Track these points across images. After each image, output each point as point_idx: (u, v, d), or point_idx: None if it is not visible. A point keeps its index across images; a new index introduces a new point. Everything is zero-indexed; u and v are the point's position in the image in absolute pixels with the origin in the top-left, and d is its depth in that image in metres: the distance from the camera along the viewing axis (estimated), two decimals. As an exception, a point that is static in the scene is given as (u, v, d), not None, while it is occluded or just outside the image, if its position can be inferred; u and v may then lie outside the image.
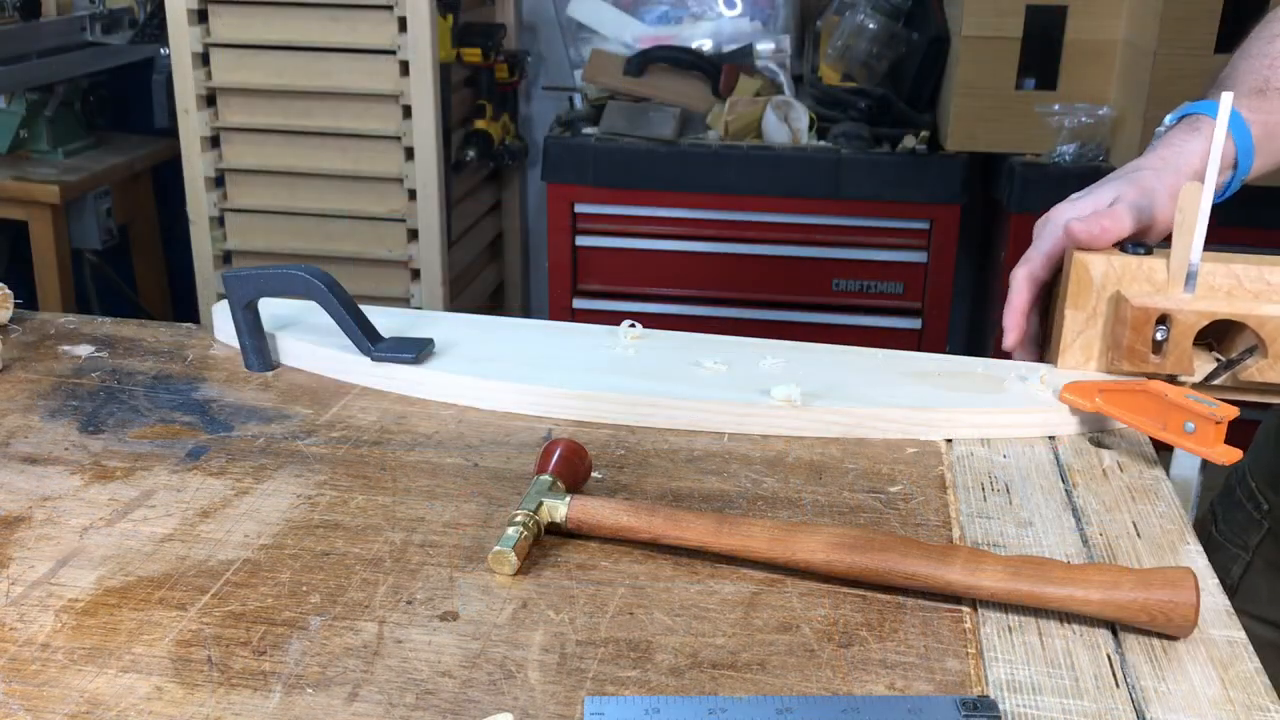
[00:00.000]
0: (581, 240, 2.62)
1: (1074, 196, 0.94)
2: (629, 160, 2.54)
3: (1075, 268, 0.89)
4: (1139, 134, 2.25)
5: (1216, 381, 0.86)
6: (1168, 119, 0.98)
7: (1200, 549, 0.73)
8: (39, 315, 1.07)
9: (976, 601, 0.66)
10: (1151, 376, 0.87)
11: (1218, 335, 0.88)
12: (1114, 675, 0.61)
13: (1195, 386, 0.86)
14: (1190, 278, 0.85)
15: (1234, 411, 0.78)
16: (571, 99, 2.82)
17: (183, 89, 2.56)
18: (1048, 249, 0.92)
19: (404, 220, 2.60)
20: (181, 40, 2.52)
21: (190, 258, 2.71)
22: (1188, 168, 0.92)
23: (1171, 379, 0.87)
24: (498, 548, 0.68)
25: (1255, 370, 0.86)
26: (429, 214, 2.57)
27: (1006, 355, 0.96)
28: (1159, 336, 0.85)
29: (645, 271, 2.62)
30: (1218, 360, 0.88)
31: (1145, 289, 0.87)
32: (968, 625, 0.65)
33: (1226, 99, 0.82)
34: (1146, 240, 0.90)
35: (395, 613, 0.65)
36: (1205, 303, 0.85)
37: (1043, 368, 0.93)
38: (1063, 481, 0.81)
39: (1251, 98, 0.96)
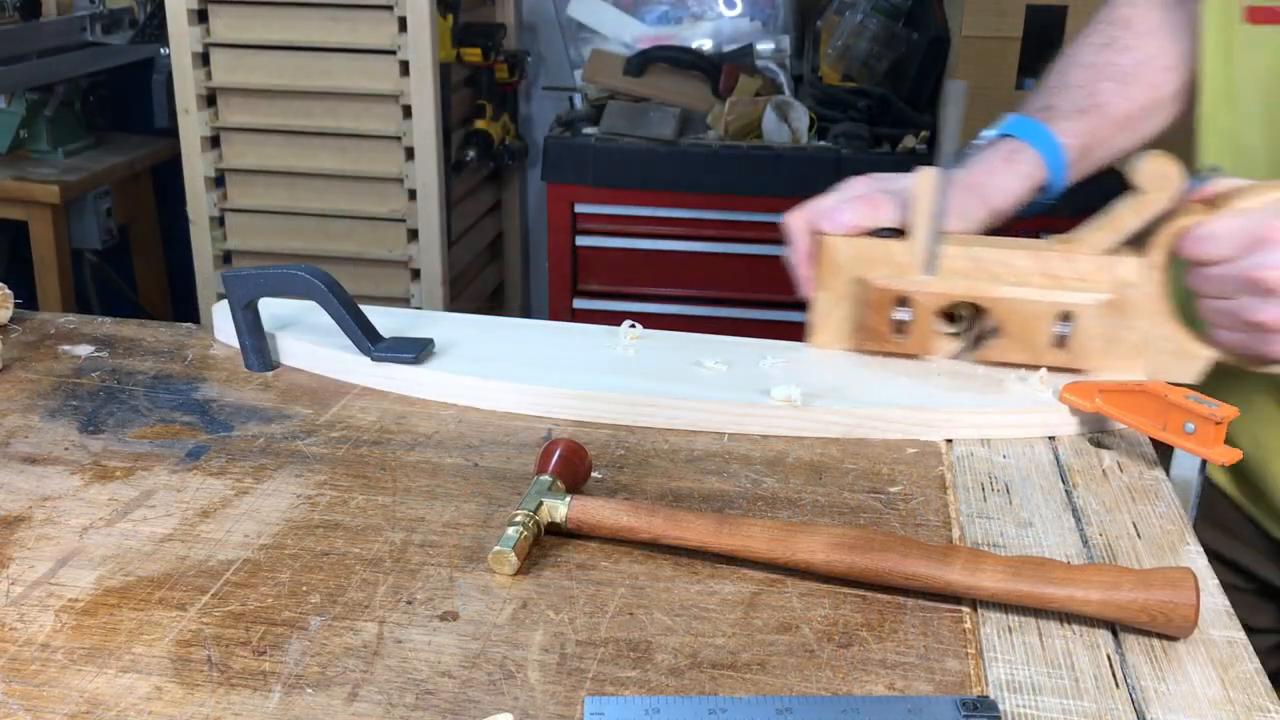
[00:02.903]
0: (581, 240, 2.62)
1: (867, 176, 0.97)
2: (629, 160, 2.54)
3: (823, 250, 0.93)
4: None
5: (964, 360, 0.90)
6: (990, 132, 1.01)
7: (1200, 549, 0.73)
8: (39, 315, 1.07)
9: (976, 602, 0.66)
10: (898, 355, 0.92)
11: (970, 317, 0.92)
12: (1114, 675, 0.61)
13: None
14: (929, 260, 0.88)
15: (1234, 412, 0.78)
16: (571, 99, 2.82)
17: (183, 89, 2.56)
18: (817, 210, 0.95)
19: (404, 220, 2.60)
20: (181, 40, 2.52)
21: (190, 258, 2.71)
22: (993, 201, 0.96)
23: (912, 358, 0.91)
24: (498, 548, 0.68)
25: (995, 350, 0.89)
26: (429, 214, 2.57)
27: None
28: (901, 317, 0.89)
29: (645, 271, 2.62)
30: (959, 341, 0.91)
31: (888, 271, 0.90)
32: (968, 625, 0.65)
33: (926, 178, 0.88)
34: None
35: (395, 613, 0.65)
36: (943, 284, 0.89)
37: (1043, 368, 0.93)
38: (1063, 482, 0.81)
39: (1071, 119, 1.00)
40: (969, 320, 0.91)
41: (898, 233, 0.91)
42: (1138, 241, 0.86)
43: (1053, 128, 0.99)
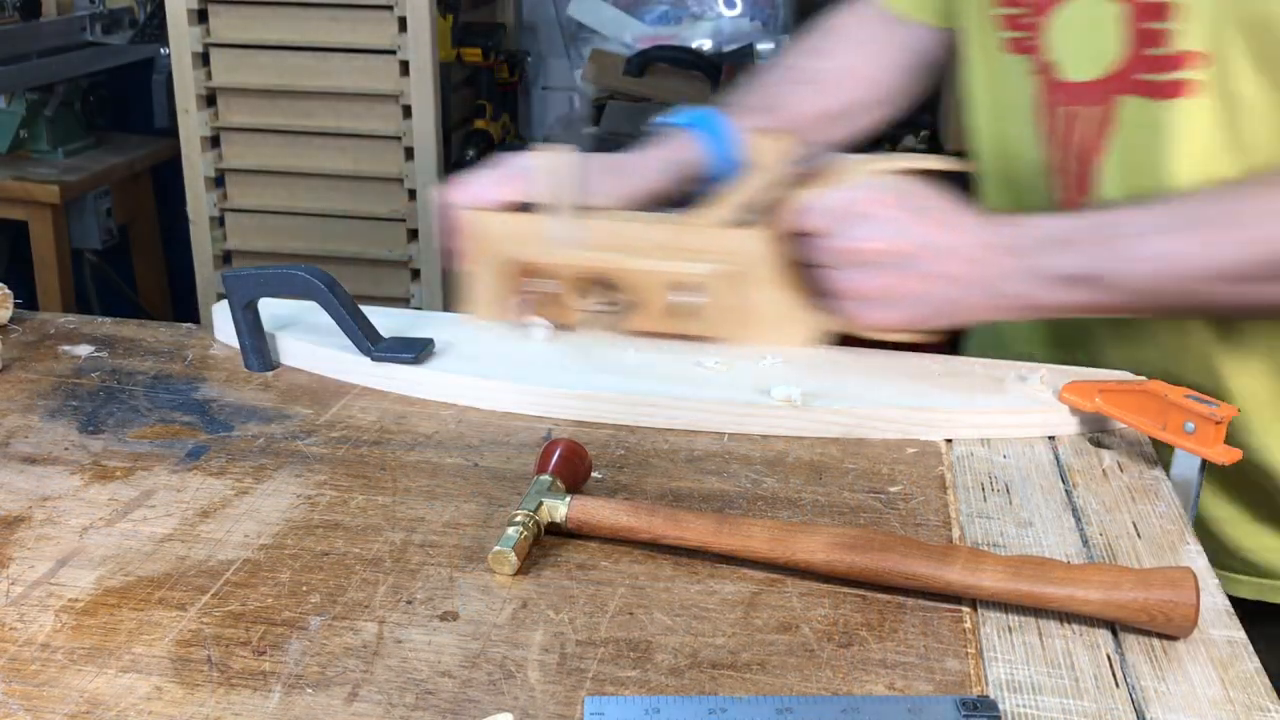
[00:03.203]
0: (581, 240, 2.62)
1: (514, 154, 1.01)
2: (629, 160, 2.53)
3: (470, 224, 0.96)
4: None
5: (599, 328, 0.94)
6: (670, 119, 1.07)
7: (1200, 549, 0.73)
8: (39, 315, 1.07)
9: (976, 601, 0.66)
10: (551, 324, 0.96)
11: (602, 285, 0.95)
12: (1114, 675, 0.61)
13: (589, 330, 0.95)
14: (565, 235, 0.92)
15: (1234, 411, 0.78)
16: (571, 99, 2.83)
17: (183, 89, 2.56)
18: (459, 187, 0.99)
19: (404, 220, 2.60)
20: (181, 40, 2.52)
21: (190, 258, 2.71)
22: (635, 180, 1.02)
23: (564, 328, 0.95)
24: (498, 548, 0.68)
25: (629, 322, 0.93)
26: (429, 214, 2.57)
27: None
28: (539, 288, 0.93)
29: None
30: (602, 313, 0.94)
31: (523, 244, 0.94)
32: (968, 625, 0.65)
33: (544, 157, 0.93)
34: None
35: (395, 613, 0.65)
36: (576, 258, 0.92)
37: (1043, 368, 0.93)
38: (1063, 481, 0.81)
39: (756, 115, 1.06)
40: (610, 293, 0.95)
41: (534, 207, 0.95)
42: (758, 215, 0.90)
43: (733, 119, 1.04)
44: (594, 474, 0.80)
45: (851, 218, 0.84)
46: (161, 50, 2.77)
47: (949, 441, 0.86)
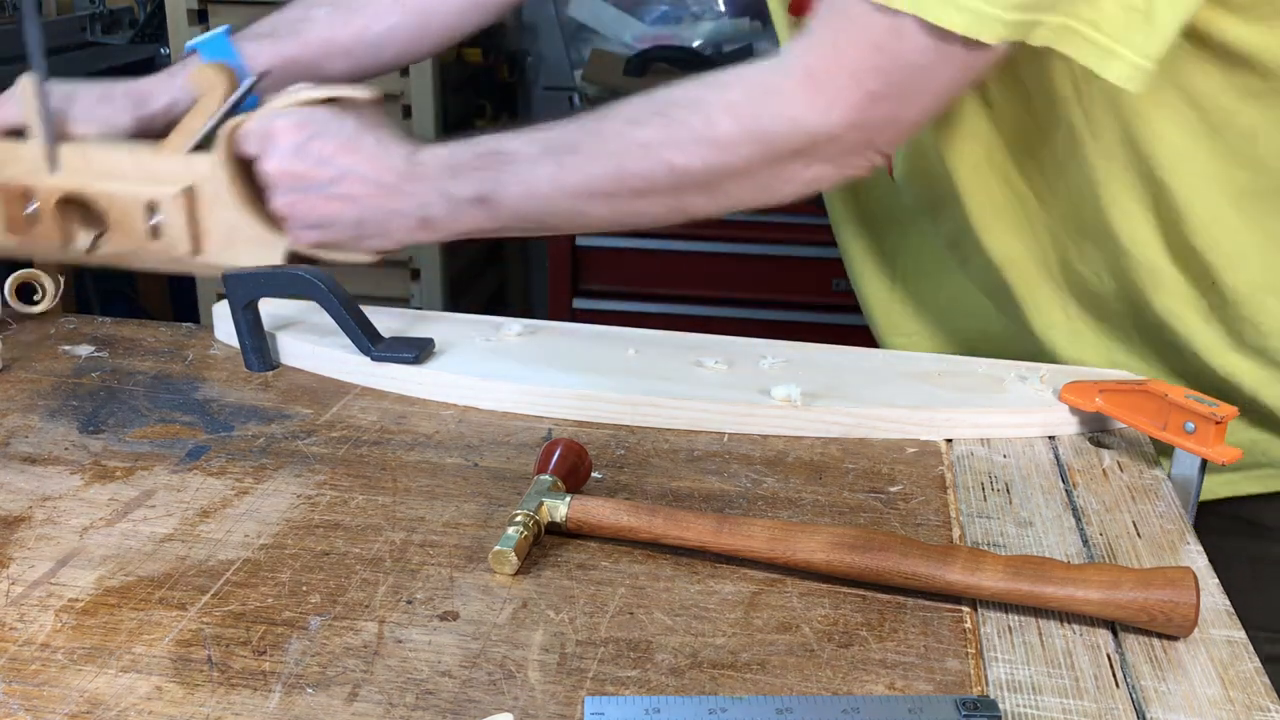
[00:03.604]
0: (581, 240, 2.62)
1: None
2: (629, 160, 2.53)
3: None
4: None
5: (84, 250, 0.98)
6: (191, 43, 1.11)
7: (1200, 549, 0.73)
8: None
9: (976, 601, 0.66)
10: (43, 249, 1.00)
11: (89, 211, 0.99)
12: (1114, 675, 0.61)
13: (76, 256, 0.99)
14: (46, 159, 0.96)
15: (1234, 411, 0.78)
16: (571, 99, 2.82)
17: (183, 89, 2.55)
18: None
19: (404, 220, 2.60)
20: (181, 40, 2.52)
21: (190, 258, 2.70)
22: (141, 107, 1.04)
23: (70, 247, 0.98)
24: (498, 548, 0.68)
25: (109, 244, 0.97)
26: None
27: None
28: (29, 210, 0.97)
29: (645, 271, 2.62)
30: (86, 232, 0.98)
31: (18, 169, 0.97)
32: (968, 625, 0.65)
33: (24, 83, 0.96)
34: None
35: (395, 613, 0.65)
36: (55, 180, 0.96)
37: (1043, 368, 0.93)
38: (1063, 481, 0.81)
39: (264, 42, 1.10)
40: (93, 218, 0.98)
41: (23, 133, 0.99)
42: (205, 141, 0.96)
43: (240, 48, 1.08)
44: (594, 474, 0.80)
45: (267, 142, 0.89)
46: (161, 50, 2.77)
47: (949, 441, 0.86)
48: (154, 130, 1.04)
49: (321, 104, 0.91)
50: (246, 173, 0.93)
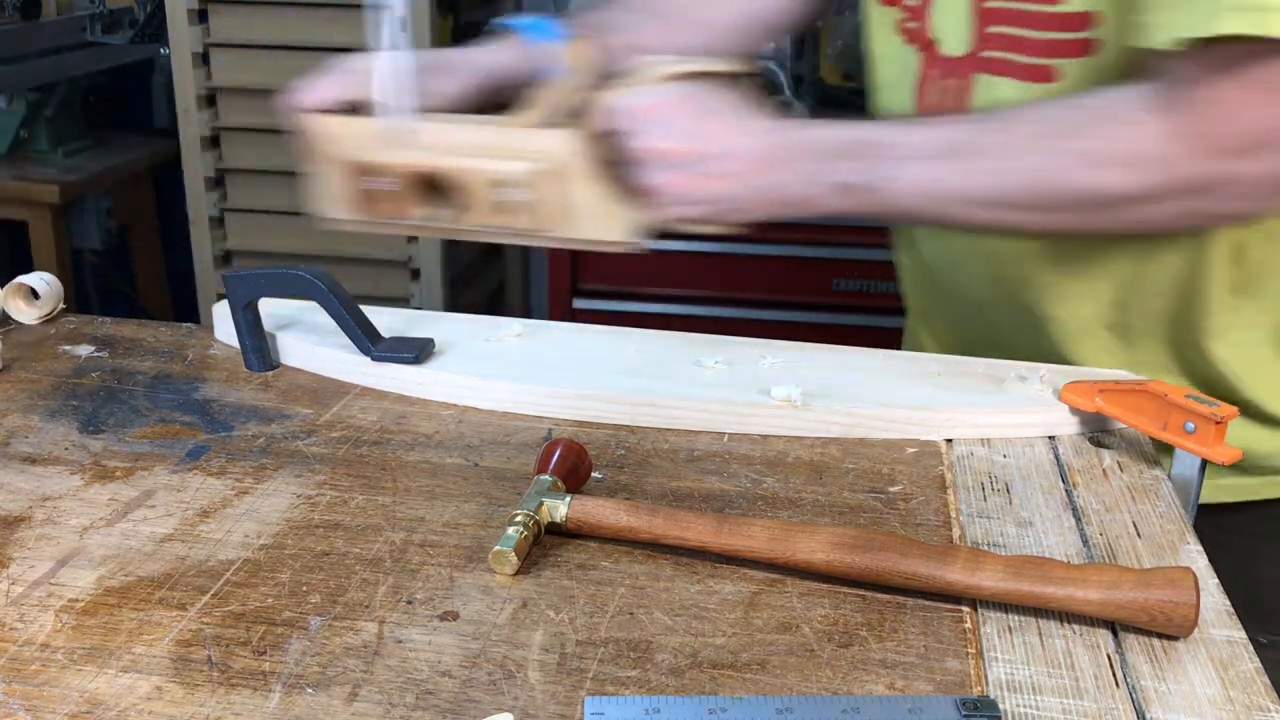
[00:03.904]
0: (581, 240, 2.61)
1: (355, 57, 1.03)
2: (629, 160, 2.53)
3: (305, 127, 0.97)
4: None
5: (438, 225, 0.96)
6: (508, 21, 1.09)
7: (1200, 549, 0.73)
8: (39, 315, 1.07)
9: (976, 601, 0.66)
10: (389, 224, 0.97)
11: (438, 186, 0.96)
12: (1114, 675, 0.61)
13: (427, 230, 0.98)
14: (398, 135, 0.94)
15: (1234, 411, 0.78)
16: (571, 99, 2.82)
17: (183, 89, 2.56)
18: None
19: (404, 220, 2.60)
20: (181, 40, 2.52)
21: (190, 258, 2.71)
22: (466, 76, 1.05)
23: (401, 221, 0.97)
24: (498, 548, 0.68)
25: (461, 216, 0.94)
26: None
27: None
28: (375, 186, 0.95)
29: (645, 271, 2.62)
30: (437, 208, 0.96)
31: (361, 144, 0.95)
32: (968, 625, 0.65)
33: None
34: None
35: (395, 613, 0.65)
36: (406, 156, 0.94)
37: (1043, 368, 0.93)
38: (1063, 481, 0.81)
39: (633, 22, 1.10)
40: (442, 192, 0.97)
41: (371, 109, 0.97)
42: (569, 116, 0.93)
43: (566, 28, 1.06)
44: (594, 474, 0.80)
45: (645, 119, 0.88)
46: (161, 50, 2.77)
47: (949, 441, 0.86)
48: (486, 103, 1.03)
49: (688, 77, 0.90)
50: (602, 147, 0.91)
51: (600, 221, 0.93)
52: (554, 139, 0.91)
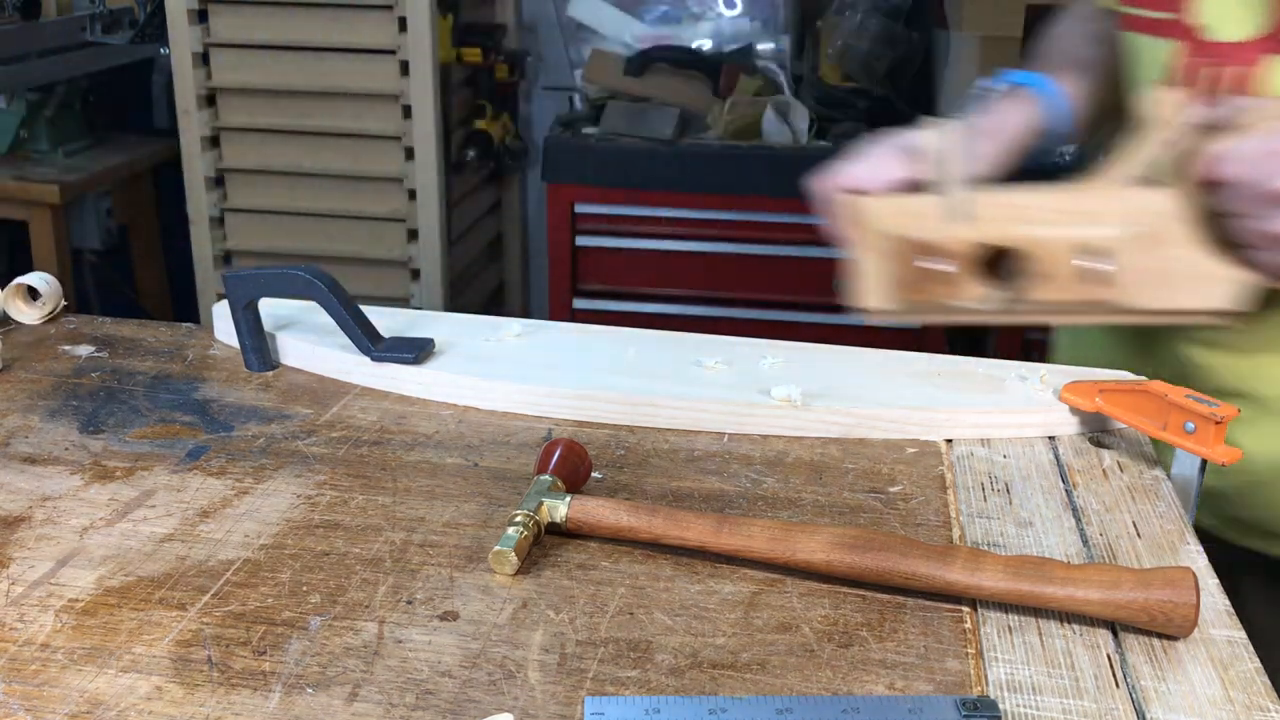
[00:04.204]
0: (581, 240, 2.62)
1: (883, 137, 0.99)
2: (629, 160, 2.54)
3: (853, 210, 0.92)
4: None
5: (998, 306, 0.89)
6: (990, 82, 1.05)
7: (1200, 549, 0.73)
8: (39, 315, 1.07)
9: (976, 601, 0.66)
10: (945, 307, 0.90)
11: (995, 264, 0.91)
12: (1114, 675, 0.61)
13: (997, 312, 0.90)
14: (957, 208, 0.89)
15: (1234, 411, 0.78)
16: (571, 99, 2.82)
17: (183, 89, 2.56)
18: (841, 172, 0.97)
19: (404, 220, 2.60)
20: (181, 40, 2.52)
21: (190, 258, 2.71)
22: (1003, 141, 1.00)
23: (967, 308, 0.90)
24: (498, 548, 0.68)
25: (1030, 290, 0.88)
26: (429, 214, 2.57)
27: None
28: (937, 266, 0.88)
29: (645, 271, 2.62)
30: (996, 287, 0.90)
31: (918, 223, 0.90)
32: (968, 625, 0.65)
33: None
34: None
35: (395, 613, 0.65)
36: (975, 230, 0.88)
37: (1043, 368, 0.93)
38: (1063, 481, 0.81)
39: (1067, 70, 1.05)
40: (1004, 265, 0.91)
41: (923, 186, 0.92)
42: (1152, 173, 0.87)
43: (1051, 78, 1.03)
44: (594, 474, 0.80)
45: (1275, 162, 0.81)
46: (161, 50, 2.77)
47: (949, 441, 0.86)
48: (1012, 168, 0.98)
49: None
50: (1206, 201, 0.84)
51: (1199, 287, 0.86)
52: (1151, 197, 0.85)
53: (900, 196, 0.92)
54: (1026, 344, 2.53)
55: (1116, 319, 0.90)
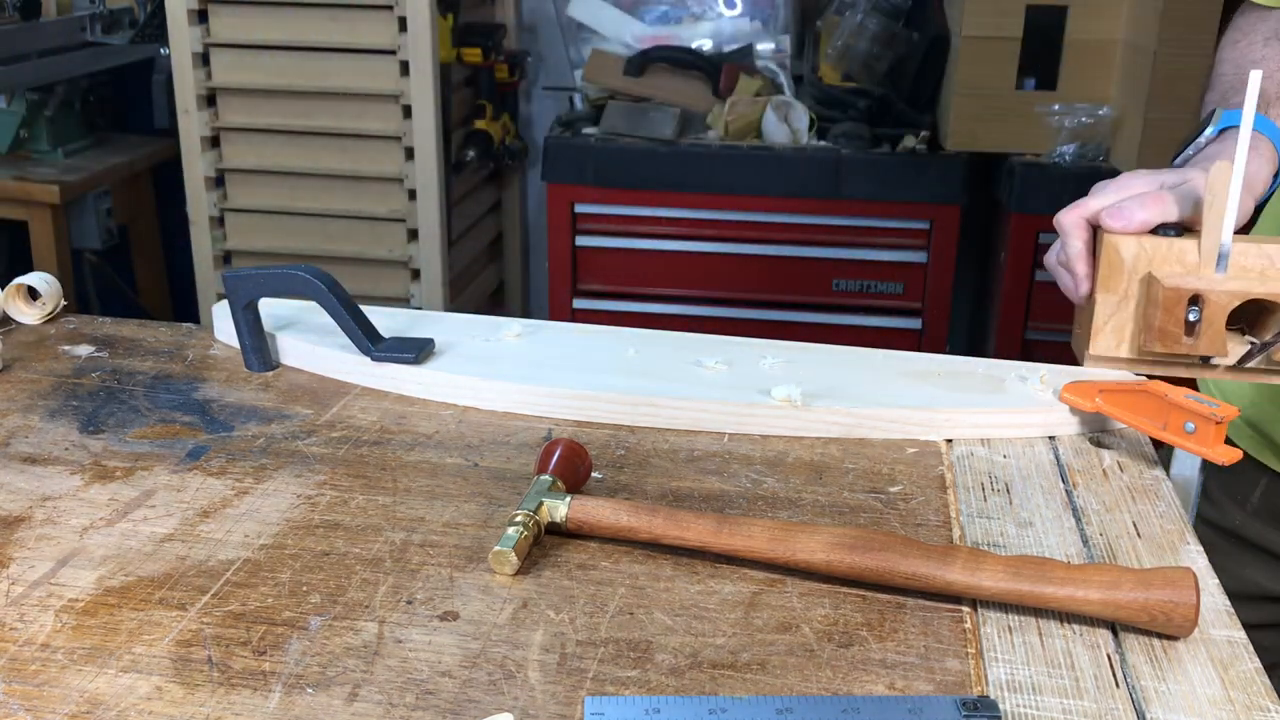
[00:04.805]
0: (581, 240, 2.62)
1: (1139, 173, 0.94)
2: (629, 160, 2.54)
3: (1106, 250, 0.89)
4: (1139, 134, 2.25)
5: (1251, 364, 0.86)
6: (1208, 130, 0.98)
7: (1200, 549, 0.73)
8: (39, 315, 1.07)
9: (976, 601, 0.66)
10: (1184, 359, 0.87)
11: (1250, 318, 0.88)
12: (1114, 675, 0.61)
13: (1230, 369, 0.87)
14: (1222, 258, 0.86)
15: (1234, 411, 0.78)
16: (571, 99, 2.82)
17: (183, 89, 2.56)
18: (1097, 207, 0.92)
19: (404, 220, 2.60)
20: (181, 40, 2.52)
21: (190, 258, 2.71)
22: (1255, 189, 0.93)
23: (1205, 361, 0.87)
24: (498, 548, 0.68)
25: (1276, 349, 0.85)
26: (429, 214, 2.57)
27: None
28: (1191, 318, 0.85)
29: (645, 271, 2.62)
30: (1251, 343, 0.88)
31: (1177, 270, 0.87)
32: (968, 625, 0.65)
33: (1255, 78, 0.83)
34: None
35: (395, 613, 0.65)
36: (1237, 283, 0.85)
37: (1043, 368, 0.93)
38: (1063, 481, 0.81)
39: (1271, 108, 0.98)
40: (1254, 324, 0.89)
41: (1180, 230, 0.89)
42: None
43: (1267, 114, 0.98)
44: (594, 474, 0.80)
45: None
46: (161, 50, 2.77)
47: (949, 441, 0.86)
48: (1248, 216, 0.93)
49: None
50: None
51: None
52: None
53: (1159, 239, 0.88)
54: (1026, 344, 2.54)
55: None
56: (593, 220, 2.61)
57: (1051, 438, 0.87)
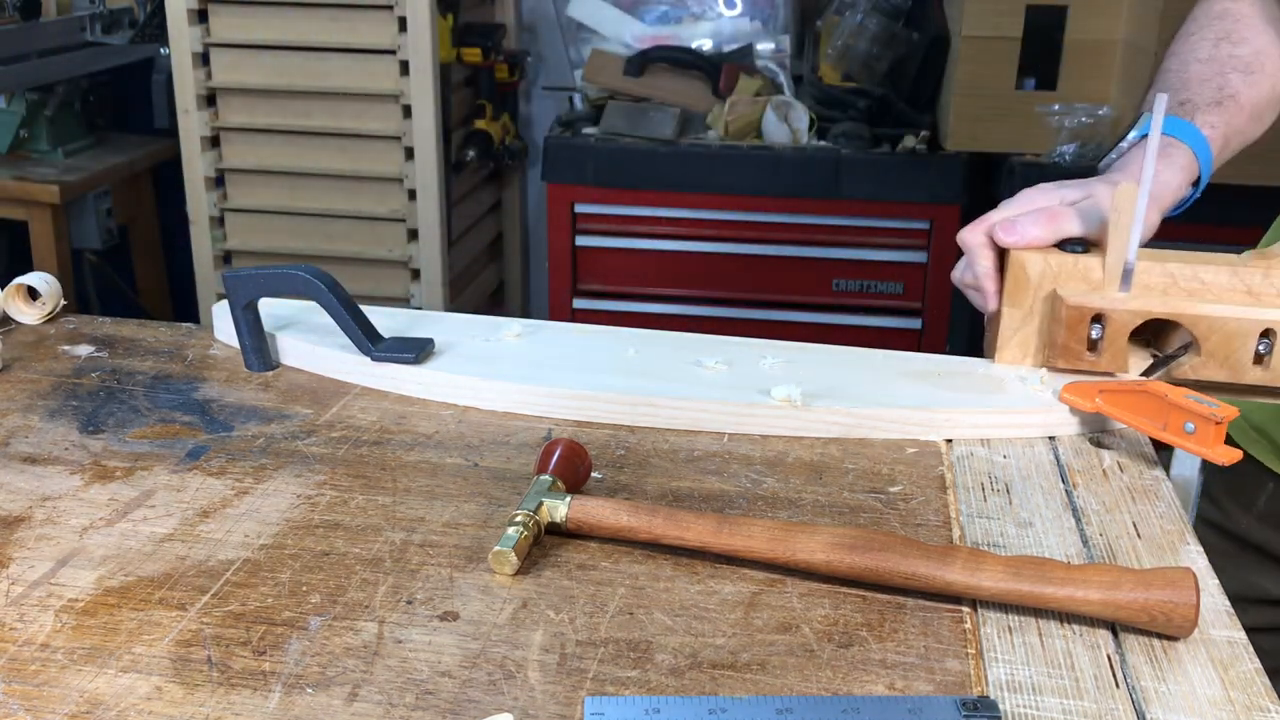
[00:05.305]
0: (581, 240, 2.62)
1: (1042, 187, 0.94)
2: (629, 160, 2.54)
3: (1013, 266, 0.90)
4: (1139, 134, 2.25)
5: (1153, 377, 0.87)
6: (1132, 134, 0.99)
7: (1200, 549, 0.73)
8: (39, 315, 1.07)
9: (976, 601, 0.66)
10: (1087, 374, 0.88)
11: (1155, 333, 0.89)
12: (1114, 675, 0.61)
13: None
14: (1125, 276, 0.86)
15: (1234, 411, 0.78)
16: (571, 99, 2.82)
17: (183, 89, 2.56)
18: (994, 222, 0.92)
19: (404, 220, 2.60)
20: (181, 40, 2.52)
21: (190, 258, 2.71)
22: (1163, 201, 0.94)
23: (1107, 376, 0.88)
24: (498, 548, 0.68)
25: (1189, 368, 0.87)
26: (429, 214, 2.57)
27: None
28: (1094, 335, 0.87)
29: (645, 271, 2.62)
30: (1154, 357, 0.89)
31: (1081, 287, 0.88)
32: (968, 625, 0.65)
33: (1160, 102, 0.84)
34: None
35: (395, 613, 0.65)
36: (1140, 301, 0.86)
37: (1042, 369, 0.93)
38: (1063, 482, 0.81)
39: (1210, 111, 0.99)
40: (1159, 337, 0.89)
41: (1086, 246, 0.89)
42: None
43: (1194, 121, 0.98)
44: (594, 474, 0.80)
45: None
46: (161, 50, 2.77)
47: (949, 441, 0.86)
48: (1156, 229, 0.92)
49: None
50: None
51: None
52: None
53: (1065, 255, 0.88)
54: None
55: None
56: (593, 220, 2.61)
57: (1051, 438, 0.87)
